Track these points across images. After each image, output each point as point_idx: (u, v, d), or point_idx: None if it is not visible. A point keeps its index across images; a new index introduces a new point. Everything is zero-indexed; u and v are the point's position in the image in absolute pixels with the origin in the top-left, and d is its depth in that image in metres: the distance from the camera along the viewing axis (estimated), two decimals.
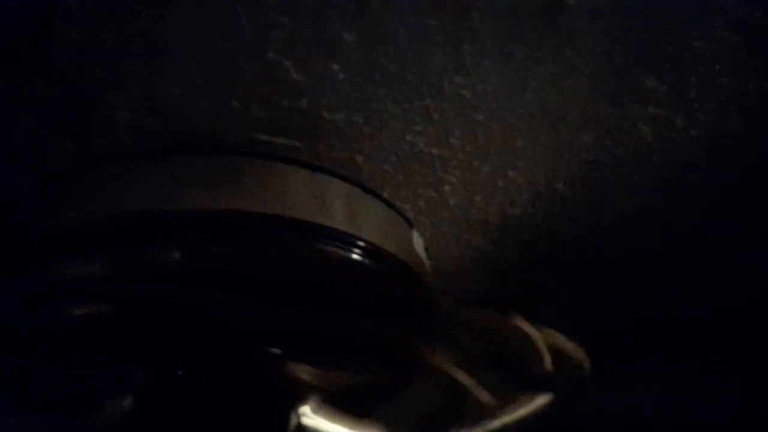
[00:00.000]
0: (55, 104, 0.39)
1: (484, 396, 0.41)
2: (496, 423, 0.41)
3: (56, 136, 0.40)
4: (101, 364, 0.37)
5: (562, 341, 0.37)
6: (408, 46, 0.36)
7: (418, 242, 0.42)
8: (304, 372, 0.38)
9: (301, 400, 0.41)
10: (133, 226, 0.33)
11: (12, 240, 0.38)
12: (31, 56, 0.37)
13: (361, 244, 0.36)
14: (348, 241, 0.36)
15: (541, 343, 0.37)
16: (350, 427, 0.41)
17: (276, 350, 0.36)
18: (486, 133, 0.41)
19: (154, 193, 0.35)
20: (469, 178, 0.44)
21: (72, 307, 0.33)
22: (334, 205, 0.37)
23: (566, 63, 0.38)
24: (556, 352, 0.38)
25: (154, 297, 0.33)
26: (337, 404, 0.40)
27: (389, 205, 0.40)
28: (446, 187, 0.45)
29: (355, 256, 0.35)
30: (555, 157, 0.43)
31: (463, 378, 0.39)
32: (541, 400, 0.40)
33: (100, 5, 0.34)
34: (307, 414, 0.40)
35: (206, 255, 0.33)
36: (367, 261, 0.35)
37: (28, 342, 0.35)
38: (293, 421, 0.39)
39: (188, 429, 0.37)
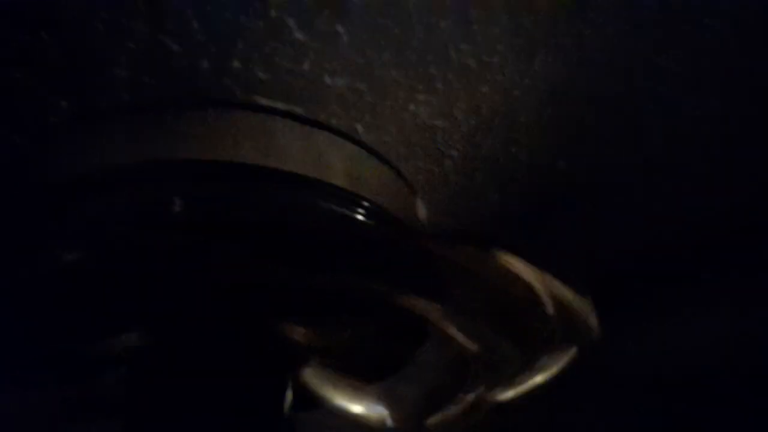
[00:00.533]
0: (54, 61, 0.37)
1: (488, 360, 0.39)
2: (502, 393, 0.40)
3: (52, 94, 0.39)
4: (96, 322, 0.35)
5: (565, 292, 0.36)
6: (415, 10, 0.35)
7: (421, 210, 0.41)
8: (304, 334, 0.37)
9: (300, 363, 0.39)
10: (135, 175, 0.32)
11: (8, 192, 0.37)
12: (34, 11, 0.35)
13: (364, 203, 0.34)
14: (349, 199, 0.34)
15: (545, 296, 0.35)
16: (350, 393, 0.40)
17: (275, 309, 0.35)
18: (490, 106, 0.40)
19: (156, 143, 0.34)
20: (470, 153, 0.42)
21: (68, 255, 0.32)
22: (336, 164, 0.36)
23: (577, 35, 0.37)
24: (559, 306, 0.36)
25: (154, 247, 0.32)
26: (339, 371, 0.39)
27: (393, 168, 0.39)
28: (447, 162, 0.43)
29: (356, 216, 0.34)
30: (558, 134, 0.41)
31: (469, 344, 0.38)
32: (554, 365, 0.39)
33: None
34: (307, 378, 0.39)
35: (209, 206, 0.32)
36: (368, 221, 0.34)
37: (25, 294, 0.34)
38: (292, 385, 0.38)
39: (184, 393, 0.36)
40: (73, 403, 0.42)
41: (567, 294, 0.34)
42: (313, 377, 0.38)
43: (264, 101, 0.38)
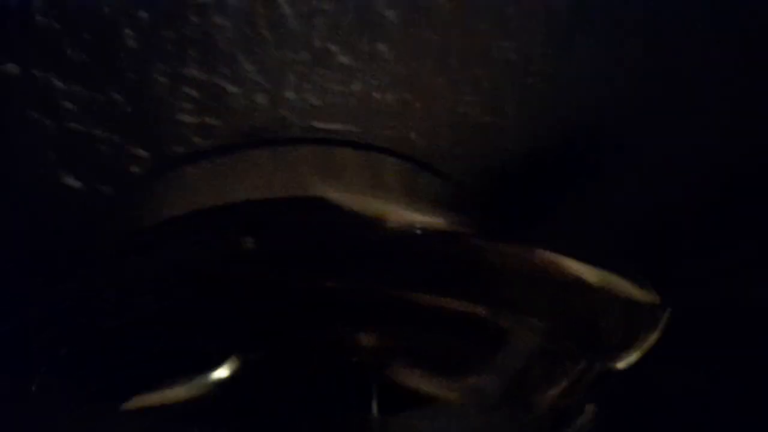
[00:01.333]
0: (126, 114, 0.39)
1: (560, 358, 0.39)
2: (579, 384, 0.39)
3: (130, 145, 0.41)
4: (192, 347, 0.37)
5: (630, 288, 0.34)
6: (451, 16, 0.35)
7: (477, 213, 0.40)
8: (383, 340, 0.37)
9: (384, 367, 0.40)
10: (207, 219, 0.34)
11: (99, 242, 0.39)
12: (101, 69, 0.37)
13: (419, 217, 0.35)
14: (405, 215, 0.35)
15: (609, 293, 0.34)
16: (436, 390, 0.40)
17: (352, 323, 0.36)
18: (539, 96, 0.39)
19: (223, 187, 0.35)
20: (525, 146, 0.42)
21: (155, 297, 0.34)
22: (392, 181, 0.36)
23: (615, 16, 0.35)
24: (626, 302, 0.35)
25: (236, 281, 0.34)
26: (420, 375, 0.40)
27: (444, 177, 0.39)
28: (503, 156, 0.42)
29: (414, 229, 0.34)
30: (611, 117, 0.40)
31: (540, 340, 0.37)
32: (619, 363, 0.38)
33: (154, 16, 0.34)
34: (392, 380, 0.40)
35: (276, 239, 0.33)
36: (426, 232, 0.34)
37: (122, 332, 0.36)
38: (377, 388, 0.38)
39: (277, 403, 0.37)
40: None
41: (627, 287, 0.32)
42: (397, 378, 0.39)
43: (320, 125, 0.39)
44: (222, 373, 0.38)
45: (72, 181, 0.41)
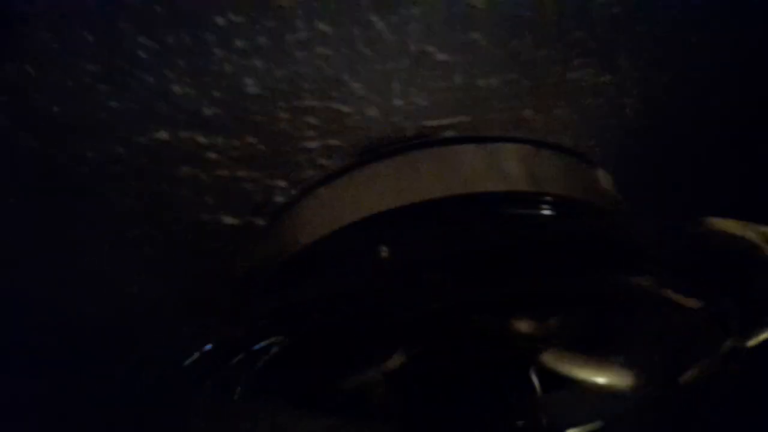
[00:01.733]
0: (261, 152, 0.42)
1: (715, 324, 0.36)
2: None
3: (270, 178, 0.44)
4: (363, 347, 0.39)
5: None
6: None
7: (605, 179, 0.39)
8: (533, 330, 0.37)
9: (541, 350, 0.40)
10: (340, 240, 0.36)
11: (263, 268, 0.43)
12: (234, 119, 0.40)
13: (548, 199, 0.34)
14: (533, 199, 0.34)
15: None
16: (593, 368, 0.39)
17: (498, 316, 0.36)
18: (653, 45, 0.36)
19: (351, 205, 0.37)
20: (647, 95, 0.39)
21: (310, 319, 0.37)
22: (516, 169, 0.35)
23: None
24: None
25: (382, 290, 0.35)
26: (574, 351, 0.39)
27: (565, 151, 0.37)
28: (627, 111, 0.40)
29: (544, 212, 0.33)
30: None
31: (690, 302, 0.35)
32: None
33: (267, 62, 0.37)
34: (550, 362, 0.39)
35: (409, 246, 0.34)
36: (556, 214, 0.33)
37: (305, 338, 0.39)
38: (536, 371, 0.39)
39: (436, 400, 0.39)
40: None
41: None
42: (555, 360, 0.38)
43: (431, 123, 0.40)
44: (390, 366, 0.41)
45: (230, 220, 0.46)
